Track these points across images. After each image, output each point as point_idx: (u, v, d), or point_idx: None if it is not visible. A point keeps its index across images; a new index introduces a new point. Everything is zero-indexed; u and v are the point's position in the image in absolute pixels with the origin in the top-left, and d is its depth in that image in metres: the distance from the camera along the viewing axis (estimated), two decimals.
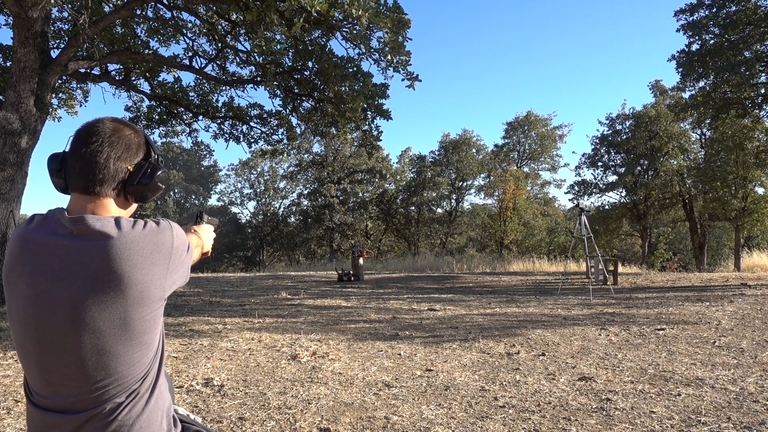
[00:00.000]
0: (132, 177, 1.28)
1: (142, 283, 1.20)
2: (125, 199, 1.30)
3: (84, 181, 1.23)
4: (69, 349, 1.19)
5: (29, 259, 1.21)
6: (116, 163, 1.25)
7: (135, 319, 1.20)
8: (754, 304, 7.94)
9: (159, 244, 1.24)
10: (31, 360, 1.24)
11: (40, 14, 7.53)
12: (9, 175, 7.47)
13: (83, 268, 1.18)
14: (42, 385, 1.24)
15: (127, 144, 1.27)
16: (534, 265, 19.63)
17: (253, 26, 7.79)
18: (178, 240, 1.30)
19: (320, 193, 33.77)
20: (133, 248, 1.20)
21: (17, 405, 3.46)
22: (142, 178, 1.29)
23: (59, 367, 1.20)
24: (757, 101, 14.32)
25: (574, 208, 30.59)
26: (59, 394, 1.22)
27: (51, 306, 1.18)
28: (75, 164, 1.24)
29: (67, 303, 1.18)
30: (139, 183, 1.29)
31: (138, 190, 1.29)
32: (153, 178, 1.31)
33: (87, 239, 1.19)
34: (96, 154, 1.23)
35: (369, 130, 10.66)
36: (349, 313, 7.72)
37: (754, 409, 3.36)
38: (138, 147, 1.30)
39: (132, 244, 1.20)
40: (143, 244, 1.21)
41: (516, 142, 36.07)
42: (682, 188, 25.82)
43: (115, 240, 1.19)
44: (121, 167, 1.26)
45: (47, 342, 1.20)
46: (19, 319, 1.23)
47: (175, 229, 1.30)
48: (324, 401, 3.58)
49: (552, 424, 3.15)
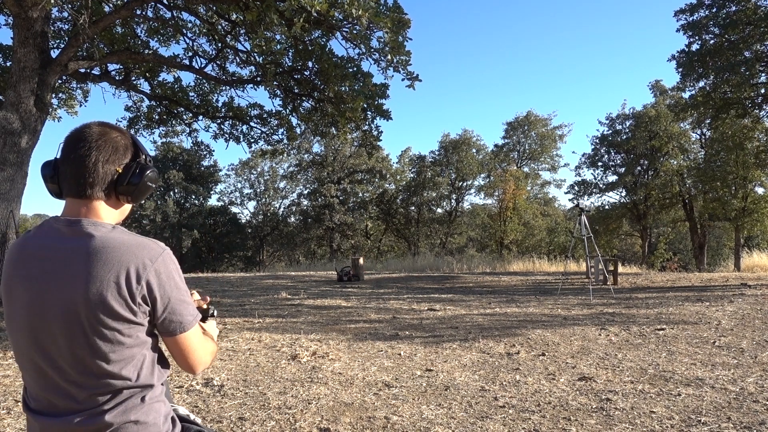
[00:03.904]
0: (121, 178, 1.30)
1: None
2: (116, 200, 1.33)
3: (75, 185, 1.27)
4: (61, 351, 1.20)
5: (25, 264, 1.25)
6: (105, 166, 1.28)
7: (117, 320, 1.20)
8: (754, 304, 7.94)
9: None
10: (27, 364, 1.25)
11: (40, 14, 7.53)
12: (9, 175, 7.47)
13: (69, 268, 1.20)
14: (37, 389, 1.25)
15: (114, 146, 1.30)
16: (534, 265, 19.63)
17: (253, 26, 7.79)
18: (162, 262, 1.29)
19: (320, 193, 33.75)
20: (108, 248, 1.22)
21: (17, 405, 3.46)
22: (132, 179, 1.32)
23: (53, 369, 1.21)
24: (757, 101, 14.31)
25: (574, 208, 30.60)
26: (54, 397, 1.23)
27: (42, 308, 1.21)
28: (66, 170, 1.28)
29: (57, 304, 1.19)
30: (129, 183, 1.31)
31: (128, 190, 1.32)
32: (142, 178, 1.32)
33: (75, 239, 1.22)
34: (84, 158, 1.26)
35: (369, 130, 10.66)
36: (349, 313, 7.72)
37: (754, 409, 3.36)
38: (125, 149, 1.33)
39: (107, 242, 1.22)
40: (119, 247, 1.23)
41: (516, 142, 36.07)
42: (682, 188, 25.82)
43: (95, 239, 1.22)
44: (110, 169, 1.29)
45: (41, 344, 1.22)
46: (16, 325, 1.25)
47: (166, 255, 1.28)
48: (324, 401, 3.58)
49: (552, 424, 3.15)
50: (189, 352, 1.32)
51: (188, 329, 1.30)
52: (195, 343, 1.33)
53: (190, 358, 1.33)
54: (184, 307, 1.29)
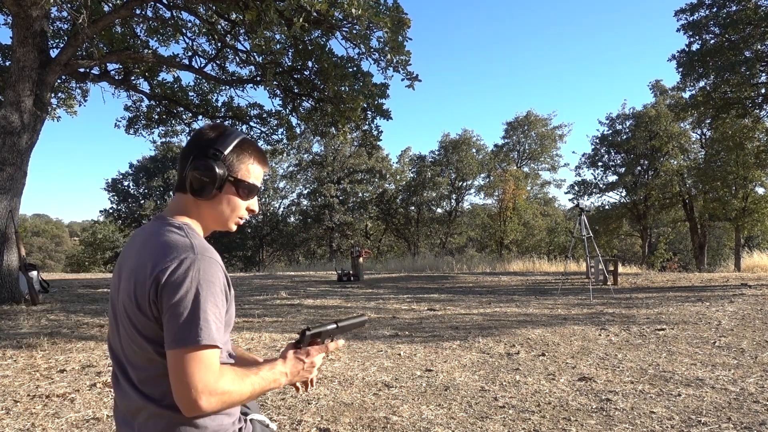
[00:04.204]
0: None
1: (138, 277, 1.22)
2: (192, 194, 1.29)
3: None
4: (119, 332, 1.25)
5: (123, 251, 1.35)
6: (181, 161, 1.34)
7: (136, 314, 1.20)
8: (755, 305, 7.93)
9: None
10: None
11: (40, 13, 7.52)
12: (8, 174, 7.46)
13: (131, 255, 1.27)
14: (115, 369, 1.30)
15: (192, 141, 1.34)
16: (534, 265, 19.62)
17: (253, 26, 7.78)
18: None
19: (320, 193, 33.75)
20: (149, 242, 1.25)
21: (16, 405, 3.45)
22: (186, 170, 1.30)
23: (121, 351, 1.26)
24: (758, 101, 14.31)
25: (574, 208, 30.58)
26: (123, 379, 1.25)
27: (115, 291, 1.29)
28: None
29: (120, 288, 1.25)
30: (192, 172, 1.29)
31: (188, 182, 1.29)
32: (195, 169, 1.27)
33: (142, 230, 1.33)
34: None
35: (369, 130, 10.65)
36: (349, 313, 7.71)
37: (755, 409, 3.35)
38: (199, 144, 1.31)
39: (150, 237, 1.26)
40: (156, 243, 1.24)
41: (516, 141, 36.08)
42: (682, 188, 25.82)
43: (143, 229, 1.31)
44: (184, 164, 1.31)
45: (113, 326, 1.28)
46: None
47: (191, 260, 1.17)
48: (324, 401, 3.57)
49: (552, 424, 3.14)
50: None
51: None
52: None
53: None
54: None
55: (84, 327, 6.18)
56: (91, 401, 3.52)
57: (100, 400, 3.54)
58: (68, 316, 6.95)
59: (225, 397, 1.13)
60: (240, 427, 1.30)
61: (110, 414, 3.28)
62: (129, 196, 35.50)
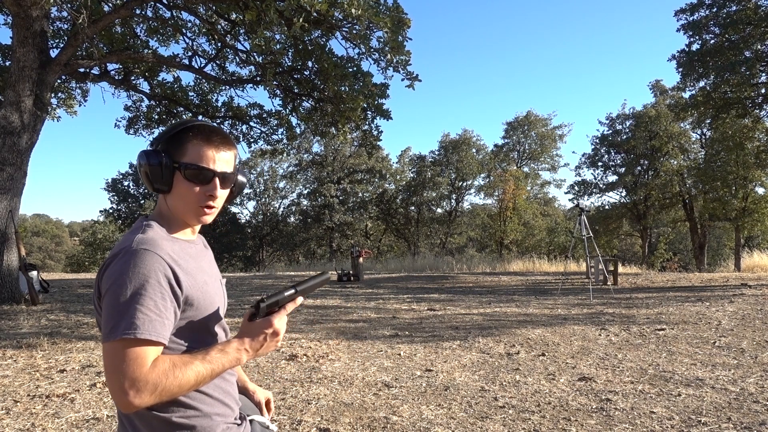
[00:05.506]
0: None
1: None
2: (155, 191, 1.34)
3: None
4: None
5: None
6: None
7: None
8: (755, 305, 7.93)
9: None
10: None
11: (40, 13, 7.52)
12: (8, 174, 7.46)
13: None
14: None
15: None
16: (534, 265, 19.61)
17: (253, 26, 7.77)
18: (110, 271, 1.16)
19: (320, 193, 33.72)
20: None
21: (16, 405, 3.45)
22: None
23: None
24: (758, 101, 14.30)
25: (574, 208, 30.58)
26: None
27: None
28: None
29: None
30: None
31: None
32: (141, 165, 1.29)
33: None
34: None
35: (369, 130, 10.65)
36: (349, 313, 7.71)
37: (755, 409, 3.35)
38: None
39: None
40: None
41: (516, 142, 36.08)
42: (682, 188, 25.81)
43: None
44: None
45: None
46: None
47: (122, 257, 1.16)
48: (324, 401, 3.57)
49: (552, 424, 3.14)
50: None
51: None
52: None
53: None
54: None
55: (84, 327, 6.18)
56: (91, 401, 3.52)
57: (100, 400, 3.54)
58: (68, 316, 6.95)
59: (160, 389, 1.08)
60: (238, 424, 1.32)
61: (110, 414, 3.28)
62: (129, 196, 35.48)
